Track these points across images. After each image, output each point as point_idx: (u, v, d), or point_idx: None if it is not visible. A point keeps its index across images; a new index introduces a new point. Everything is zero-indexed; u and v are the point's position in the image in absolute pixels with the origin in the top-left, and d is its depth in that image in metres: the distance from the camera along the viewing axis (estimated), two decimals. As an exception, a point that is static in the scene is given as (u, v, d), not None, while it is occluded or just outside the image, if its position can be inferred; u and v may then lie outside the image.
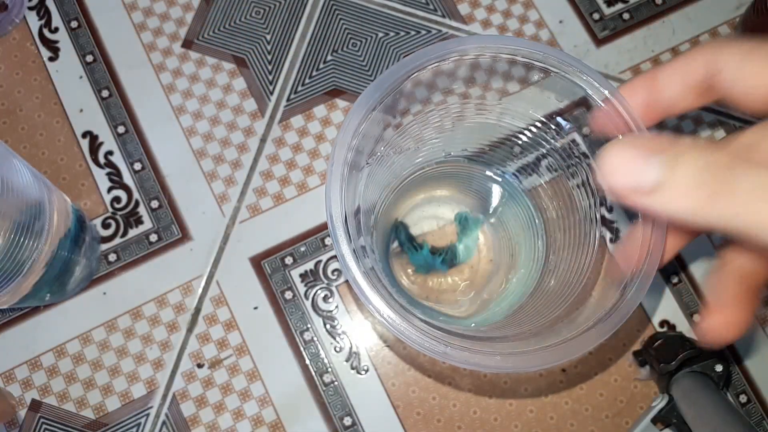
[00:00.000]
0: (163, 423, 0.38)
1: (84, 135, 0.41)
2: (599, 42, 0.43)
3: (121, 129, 0.41)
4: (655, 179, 0.17)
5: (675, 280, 0.40)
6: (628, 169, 0.17)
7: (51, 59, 0.42)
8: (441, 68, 0.25)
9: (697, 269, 0.40)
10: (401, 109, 0.27)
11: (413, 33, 0.43)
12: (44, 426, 0.37)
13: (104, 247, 0.40)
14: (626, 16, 0.44)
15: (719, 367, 0.35)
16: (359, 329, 0.39)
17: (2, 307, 0.33)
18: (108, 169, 0.41)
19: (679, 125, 0.42)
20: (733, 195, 0.16)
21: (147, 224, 0.40)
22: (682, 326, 0.39)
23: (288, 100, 0.42)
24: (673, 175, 0.16)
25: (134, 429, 0.37)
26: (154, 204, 0.40)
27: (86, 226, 0.36)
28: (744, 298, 0.20)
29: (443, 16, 0.43)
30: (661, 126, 0.43)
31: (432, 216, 0.37)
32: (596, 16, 0.44)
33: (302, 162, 0.41)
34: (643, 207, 0.17)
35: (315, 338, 0.39)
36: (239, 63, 0.42)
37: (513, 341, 0.25)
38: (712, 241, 0.41)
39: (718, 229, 0.16)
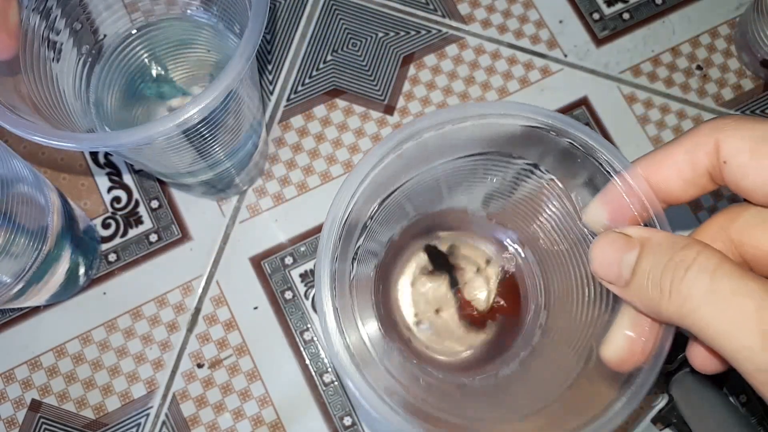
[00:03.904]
0: (163, 423, 0.38)
1: (84, 135, 0.41)
2: (599, 42, 0.43)
3: (121, 129, 0.41)
4: (625, 277, 0.19)
5: (675, 280, 0.40)
6: (606, 265, 0.19)
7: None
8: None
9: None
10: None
11: (413, 33, 0.43)
12: (44, 426, 0.37)
13: (104, 247, 0.40)
14: (626, 16, 0.44)
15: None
16: (359, 329, 0.39)
17: (4, 307, 0.33)
18: (108, 169, 0.41)
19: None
20: (682, 297, 0.17)
21: (147, 224, 0.40)
22: (682, 326, 0.39)
23: (288, 100, 0.42)
24: (634, 275, 0.18)
25: (134, 429, 0.37)
26: (154, 204, 0.40)
27: (75, 220, 0.36)
28: None
29: (443, 16, 0.43)
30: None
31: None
32: (596, 16, 0.44)
33: (302, 162, 0.41)
34: (620, 297, 0.19)
35: (315, 338, 0.39)
36: (239, 63, 0.42)
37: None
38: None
39: (679, 326, 0.18)
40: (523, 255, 0.33)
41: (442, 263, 0.36)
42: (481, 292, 0.34)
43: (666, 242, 0.18)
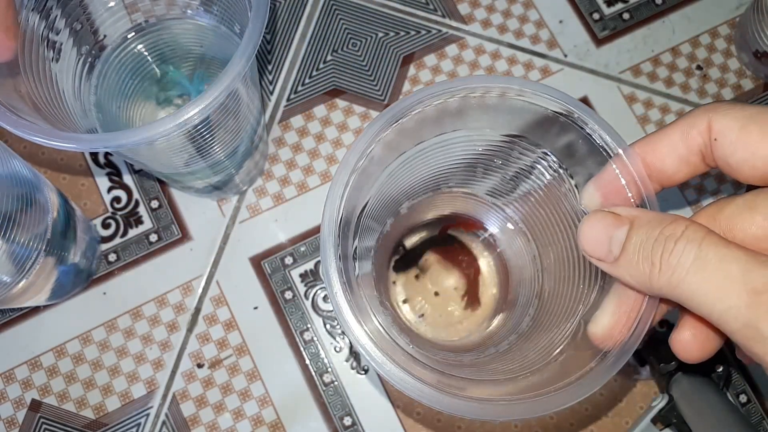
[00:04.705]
0: (163, 423, 0.38)
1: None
2: (599, 42, 0.43)
3: (121, 129, 0.41)
4: (614, 253, 0.19)
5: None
6: (596, 242, 0.20)
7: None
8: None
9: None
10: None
11: (413, 33, 0.43)
12: (44, 426, 0.37)
13: (104, 247, 0.40)
14: (626, 16, 0.44)
15: (719, 367, 0.35)
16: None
17: (4, 307, 0.33)
18: (108, 169, 0.41)
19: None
20: (671, 269, 0.18)
21: (147, 224, 0.40)
22: (682, 326, 0.39)
23: (288, 100, 0.42)
24: (624, 250, 0.19)
25: (134, 429, 0.37)
26: (154, 204, 0.40)
27: (75, 220, 0.36)
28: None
29: (443, 16, 0.43)
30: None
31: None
32: (596, 16, 0.44)
33: (302, 162, 0.41)
34: (609, 273, 0.20)
35: (315, 338, 0.39)
36: (239, 63, 0.42)
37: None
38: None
39: (669, 298, 0.18)
40: (522, 244, 0.33)
41: (412, 260, 0.36)
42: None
43: (655, 219, 0.19)
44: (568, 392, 0.21)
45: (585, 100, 0.42)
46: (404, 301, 0.36)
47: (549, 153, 0.26)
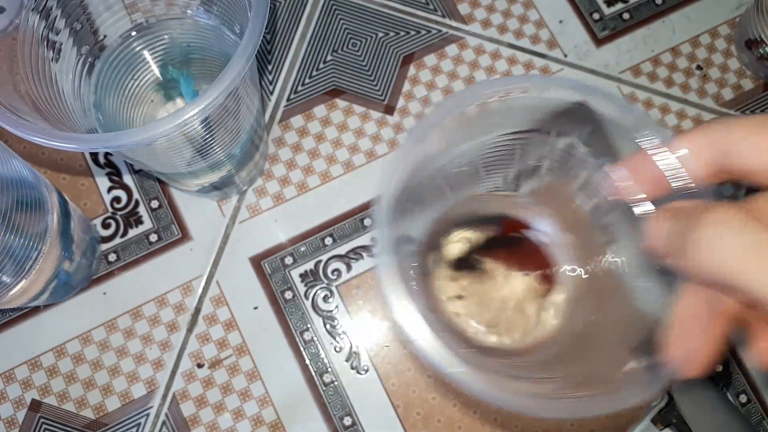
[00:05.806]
0: (163, 423, 0.38)
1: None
2: (599, 42, 0.43)
3: (121, 129, 0.41)
4: (680, 247, 0.19)
5: (675, 280, 0.40)
6: (664, 239, 0.19)
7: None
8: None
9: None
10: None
11: (413, 33, 0.43)
12: (44, 426, 0.37)
13: (104, 247, 0.40)
14: (626, 16, 0.44)
15: (719, 367, 0.35)
16: (359, 329, 0.39)
17: (4, 307, 0.33)
18: (108, 169, 0.41)
19: (679, 125, 0.42)
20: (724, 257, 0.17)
21: (147, 224, 0.40)
22: (682, 326, 0.39)
23: (288, 100, 0.42)
24: (691, 243, 0.18)
25: (134, 429, 0.37)
26: (154, 204, 0.40)
27: (75, 220, 0.36)
28: (711, 330, 0.20)
29: (443, 16, 0.43)
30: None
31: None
32: (596, 16, 0.44)
33: (302, 162, 0.41)
34: (679, 270, 0.19)
35: (315, 338, 0.39)
36: (239, 63, 0.42)
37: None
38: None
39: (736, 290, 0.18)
40: (558, 240, 0.32)
41: (468, 264, 0.36)
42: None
43: (720, 210, 0.18)
44: (617, 398, 0.21)
45: (585, 100, 0.42)
46: (453, 302, 0.35)
47: (577, 144, 0.26)
